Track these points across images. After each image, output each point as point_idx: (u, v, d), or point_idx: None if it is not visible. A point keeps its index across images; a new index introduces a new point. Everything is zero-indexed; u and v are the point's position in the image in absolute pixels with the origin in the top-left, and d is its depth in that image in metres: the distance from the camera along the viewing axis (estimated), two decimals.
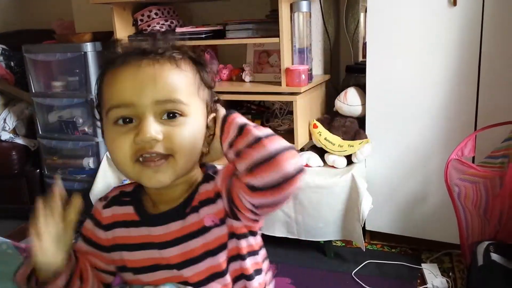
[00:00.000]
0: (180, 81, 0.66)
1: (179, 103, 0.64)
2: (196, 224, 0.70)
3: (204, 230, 0.70)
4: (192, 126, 0.66)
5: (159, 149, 0.64)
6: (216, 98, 0.76)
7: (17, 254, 0.92)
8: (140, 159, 0.65)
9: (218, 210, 0.70)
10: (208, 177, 0.73)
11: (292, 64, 2.10)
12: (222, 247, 0.71)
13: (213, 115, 0.73)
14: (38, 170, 2.66)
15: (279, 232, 2.06)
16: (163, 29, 2.33)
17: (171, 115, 0.64)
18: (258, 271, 0.75)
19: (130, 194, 0.76)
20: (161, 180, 0.66)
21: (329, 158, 2.07)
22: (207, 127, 0.71)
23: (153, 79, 0.63)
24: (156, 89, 0.63)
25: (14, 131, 2.76)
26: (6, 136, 2.71)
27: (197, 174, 0.74)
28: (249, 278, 0.73)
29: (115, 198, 0.78)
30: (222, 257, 0.71)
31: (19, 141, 2.71)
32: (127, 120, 0.64)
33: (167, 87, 0.64)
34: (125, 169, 0.67)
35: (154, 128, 0.62)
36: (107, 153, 2.47)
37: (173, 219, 0.71)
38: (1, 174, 2.65)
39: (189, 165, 0.68)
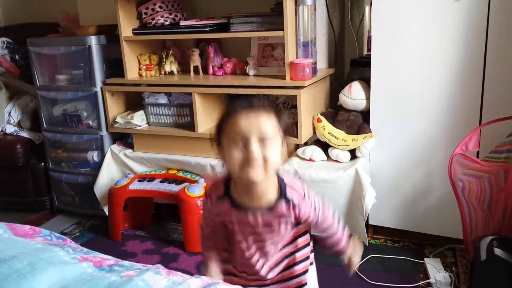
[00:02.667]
0: (270, 125, 1.09)
1: (268, 137, 1.08)
2: (279, 222, 1.17)
3: (281, 226, 1.18)
4: (275, 149, 1.09)
5: (258, 162, 1.07)
6: (287, 140, 1.16)
7: (11, 236, 0.93)
8: (245, 165, 1.08)
9: (291, 221, 1.19)
10: (286, 198, 1.16)
11: (297, 57, 2.10)
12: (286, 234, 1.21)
13: (285, 144, 1.15)
14: (42, 163, 2.68)
15: None
16: (167, 22, 2.33)
17: (263, 141, 1.07)
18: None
19: (224, 196, 1.19)
20: (256, 178, 1.08)
21: (333, 152, 2.06)
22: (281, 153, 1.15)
23: (256, 124, 1.07)
24: (258, 129, 1.07)
25: (18, 124, 2.78)
26: (11, 129, 2.73)
27: (273, 186, 1.16)
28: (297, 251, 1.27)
29: (216, 199, 1.20)
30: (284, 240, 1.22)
31: (24, 134, 2.72)
32: (240, 143, 1.08)
33: (263, 128, 1.07)
34: (235, 170, 1.09)
35: (256, 151, 1.06)
36: (111, 146, 2.48)
37: (262, 213, 1.15)
38: (6, 167, 2.67)
39: (272, 170, 1.10)
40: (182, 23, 2.29)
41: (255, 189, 1.14)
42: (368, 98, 2.09)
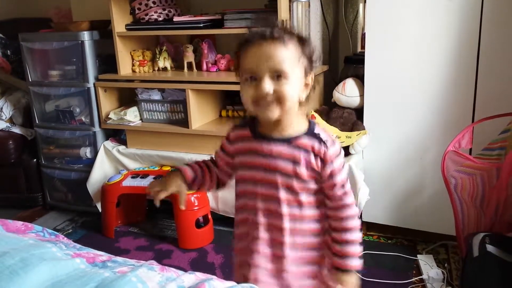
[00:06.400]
0: (286, 56, 1.00)
1: (283, 71, 1.00)
2: (294, 156, 1.07)
3: (296, 162, 1.07)
4: (291, 85, 1.02)
5: (270, 98, 1.01)
6: (315, 65, 1.10)
7: (3, 232, 0.92)
8: (258, 102, 1.03)
9: (312, 162, 1.07)
10: (313, 134, 1.08)
11: None
12: (301, 179, 1.08)
13: (311, 74, 1.07)
14: (35, 160, 2.66)
15: None
16: (161, 18, 2.32)
17: (278, 76, 1.00)
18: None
19: (248, 122, 1.14)
20: (269, 117, 1.03)
21: None
22: (306, 84, 1.07)
23: (268, 55, 1.00)
24: (270, 61, 0.99)
25: (10, 120, 2.75)
26: (2, 125, 2.70)
27: (299, 120, 1.09)
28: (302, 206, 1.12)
29: (238, 125, 1.17)
30: (298, 185, 1.08)
31: (16, 130, 2.70)
32: (253, 78, 1.02)
33: (277, 60, 1.00)
34: (248, 107, 1.04)
35: (268, 85, 1.00)
36: (104, 142, 2.47)
37: (279, 143, 1.08)
38: None
39: (289, 106, 1.03)
40: (175, 19, 2.28)
41: (276, 124, 1.07)
42: (362, 95, 2.09)
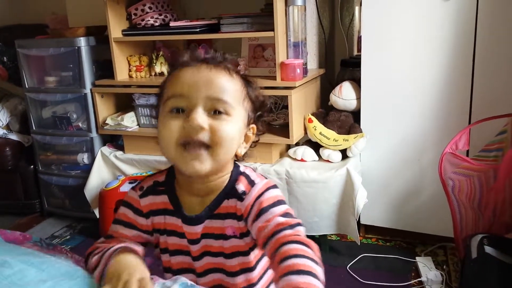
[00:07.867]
0: (230, 86, 0.75)
1: (226, 103, 0.74)
2: (219, 229, 0.81)
3: (224, 237, 0.81)
4: (233, 126, 0.75)
5: (203, 138, 0.72)
6: (262, 116, 0.86)
7: (3, 243, 0.92)
8: (184, 146, 0.73)
9: (240, 227, 0.80)
10: (234, 192, 0.80)
11: (287, 58, 2.10)
12: (236, 254, 0.82)
13: (253, 126, 0.83)
14: (32, 166, 2.65)
15: None
16: (157, 23, 2.32)
17: (217, 112, 0.73)
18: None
19: (164, 183, 0.85)
20: (198, 169, 0.73)
21: (324, 152, 2.07)
22: (246, 136, 0.82)
23: (208, 79, 0.74)
24: (210, 87, 0.73)
25: (7, 127, 2.75)
26: None
27: (227, 176, 0.82)
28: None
29: (150, 188, 0.85)
30: (234, 262, 0.82)
31: (13, 137, 2.69)
32: (180, 110, 0.74)
33: (219, 87, 0.74)
34: (169, 151, 0.75)
35: (202, 118, 0.71)
36: (102, 148, 2.46)
37: (201, 221, 0.81)
38: None
39: (224, 160, 0.76)
40: (172, 24, 2.28)
41: (199, 185, 0.79)
42: (358, 98, 2.09)
